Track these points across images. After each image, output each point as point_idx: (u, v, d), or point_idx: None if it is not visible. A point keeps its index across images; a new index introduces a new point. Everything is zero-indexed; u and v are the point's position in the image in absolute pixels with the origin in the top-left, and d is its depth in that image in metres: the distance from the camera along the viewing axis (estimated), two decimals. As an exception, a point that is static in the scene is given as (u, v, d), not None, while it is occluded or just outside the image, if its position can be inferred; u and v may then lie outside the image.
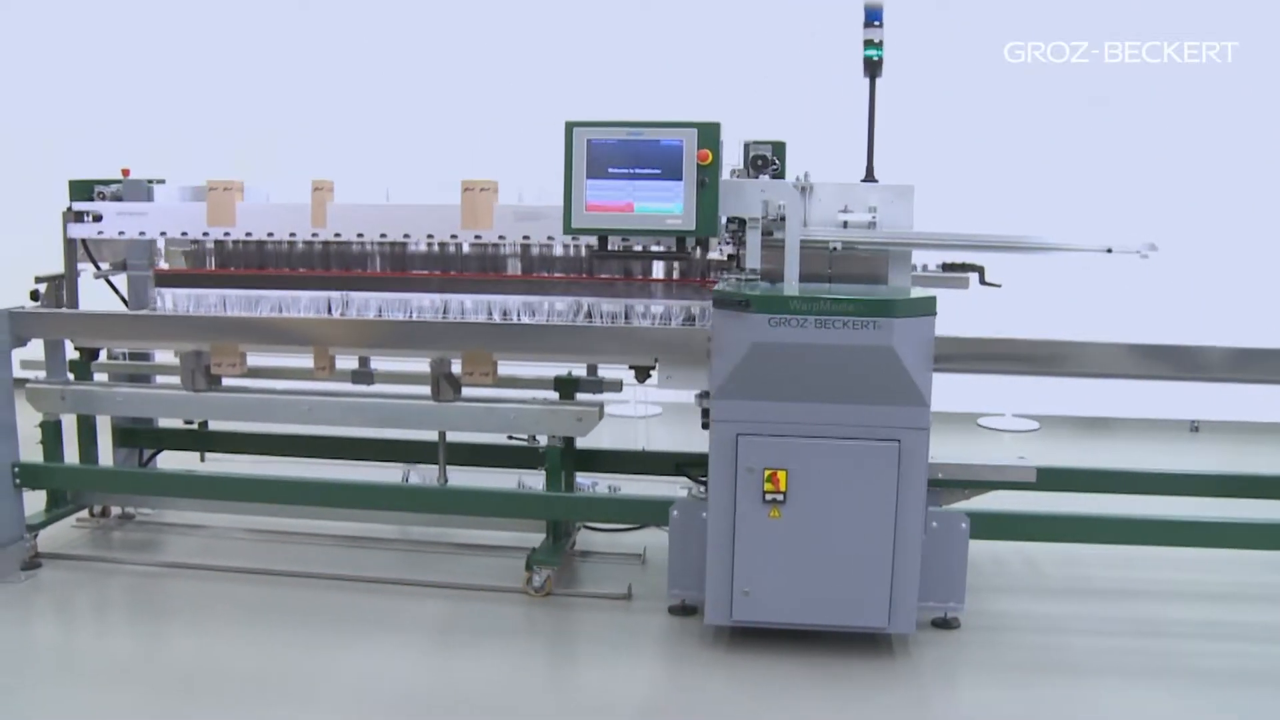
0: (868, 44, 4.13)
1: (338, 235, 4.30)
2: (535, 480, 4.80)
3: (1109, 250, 4.00)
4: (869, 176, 4.17)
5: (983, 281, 4.33)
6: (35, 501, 4.61)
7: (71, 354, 4.70)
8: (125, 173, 4.74)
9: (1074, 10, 6.80)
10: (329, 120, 7.34)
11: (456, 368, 4.33)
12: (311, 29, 7.48)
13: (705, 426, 4.59)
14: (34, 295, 4.54)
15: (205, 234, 4.39)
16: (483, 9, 7.31)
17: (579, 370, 4.56)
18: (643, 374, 4.27)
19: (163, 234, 4.50)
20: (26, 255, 6.00)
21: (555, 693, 3.63)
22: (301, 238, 4.33)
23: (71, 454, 4.77)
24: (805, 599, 3.69)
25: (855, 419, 3.59)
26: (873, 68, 4.15)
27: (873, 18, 4.14)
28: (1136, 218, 5.74)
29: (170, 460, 5.21)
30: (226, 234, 4.38)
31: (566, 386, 4.43)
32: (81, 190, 4.64)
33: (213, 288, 4.41)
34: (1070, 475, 4.71)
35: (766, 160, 4.12)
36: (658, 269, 4.27)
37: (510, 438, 4.66)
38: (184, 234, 4.44)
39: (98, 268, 4.75)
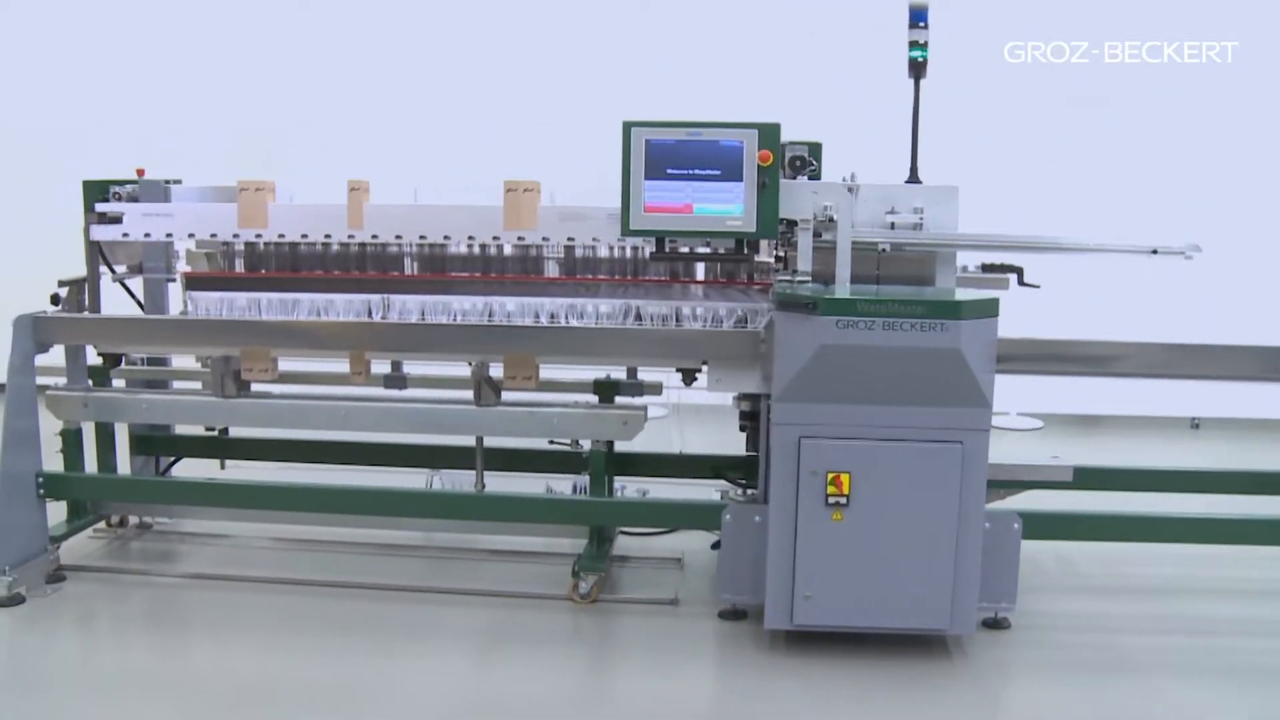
0: (913, 45, 4.14)
1: (375, 237, 4.21)
2: (562, 485, 4.75)
3: (1154, 251, 4.03)
4: (913, 177, 4.17)
5: (1021, 282, 4.36)
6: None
7: (92, 359, 4.56)
8: (140, 173, 4.59)
9: (1074, 10, 6.87)
10: (328, 120, 7.20)
11: (496, 371, 4.26)
12: (313, 28, 7.33)
13: (743, 429, 4.60)
14: (54, 299, 4.38)
15: (236, 235, 4.28)
16: (506, 7, 7.21)
17: (616, 373, 4.50)
18: (689, 377, 4.24)
19: (191, 235, 4.37)
20: (21, 258, 5.85)
21: (618, 702, 3.59)
22: (338, 239, 4.23)
23: (89, 462, 4.63)
24: (867, 601, 3.68)
25: (919, 421, 3.58)
26: (918, 69, 4.16)
27: (918, 19, 4.14)
28: (1133, 218, 5.81)
29: (187, 467, 5.07)
30: (258, 235, 4.27)
31: (606, 390, 4.37)
32: (96, 191, 4.49)
33: (245, 291, 4.29)
34: (1099, 474, 4.75)
35: (804, 161, 4.10)
36: (700, 270, 4.24)
37: (551, 442, 4.60)
38: (213, 235, 4.32)
39: (113, 271, 4.61)
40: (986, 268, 4.38)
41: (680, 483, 4.92)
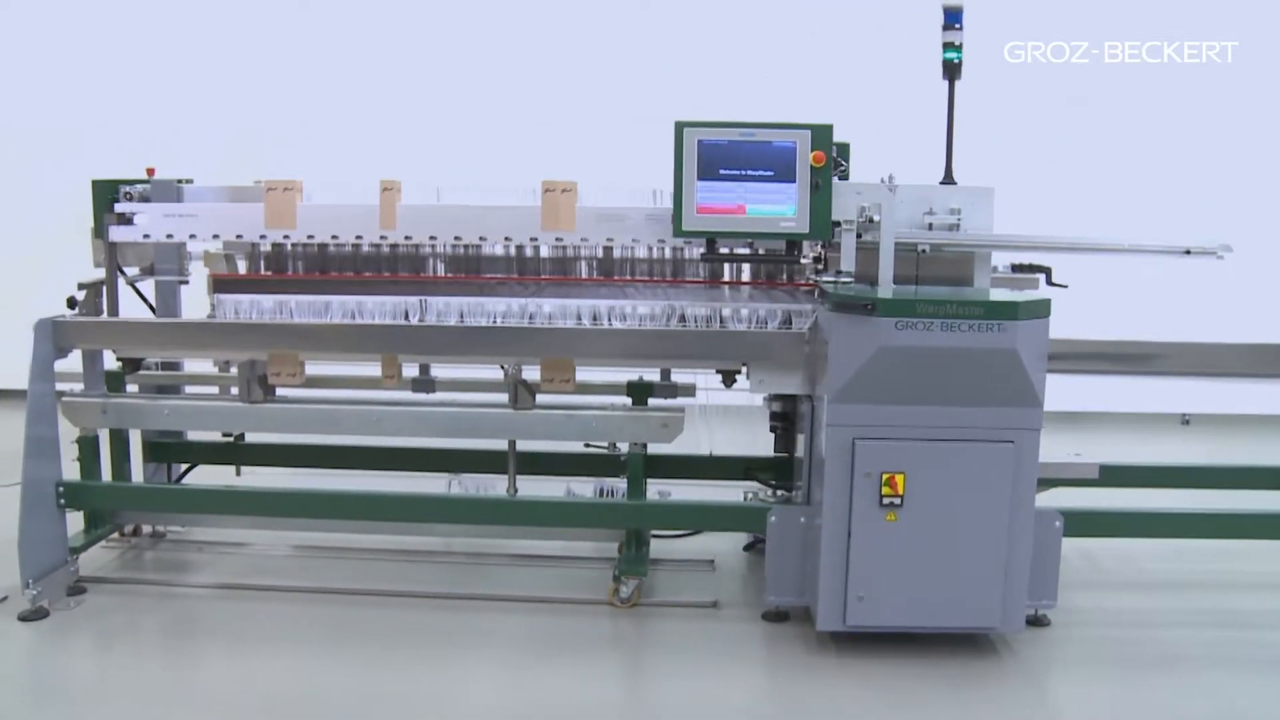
0: (947, 46, 4.12)
1: (408, 238, 4.12)
2: (582, 488, 4.69)
3: (1187, 252, 4.07)
4: (948, 178, 4.17)
5: (1049, 282, 4.38)
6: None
7: (110, 364, 4.43)
8: (151, 172, 4.46)
9: (1074, 10, 6.92)
10: (326, 120, 7.06)
11: (530, 374, 4.20)
12: (312, 27, 7.18)
13: (773, 430, 4.59)
14: (71, 303, 4.25)
15: (263, 236, 4.17)
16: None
17: (649, 375, 4.45)
18: (729, 379, 4.21)
19: (216, 236, 4.26)
20: (14, 258, 5.64)
21: (671, 706, 3.54)
22: (369, 240, 4.14)
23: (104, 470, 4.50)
24: (920, 601, 3.68)
25: (973, 421, 3.59)
26: (952, 70, 4.14)
27: (952, 20, 4.13)
28: (1132, 218, 5.86)
29: (201, 474, 4.94)
30: (286, 236, 4.17)
31: (640, 392, 4.32)
32: (107, 191, 4.35)
33: (273, 293, 4.18)
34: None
35: (836, 162, 4.09)
36: (733, 271, 4.21)
37: (587, 445, 4.54)
38: (239, 236, 4.21)
39: (123, 274, 4.48)
40: (1016, 268, 4.41)
41: (703, 484, 4.88)
